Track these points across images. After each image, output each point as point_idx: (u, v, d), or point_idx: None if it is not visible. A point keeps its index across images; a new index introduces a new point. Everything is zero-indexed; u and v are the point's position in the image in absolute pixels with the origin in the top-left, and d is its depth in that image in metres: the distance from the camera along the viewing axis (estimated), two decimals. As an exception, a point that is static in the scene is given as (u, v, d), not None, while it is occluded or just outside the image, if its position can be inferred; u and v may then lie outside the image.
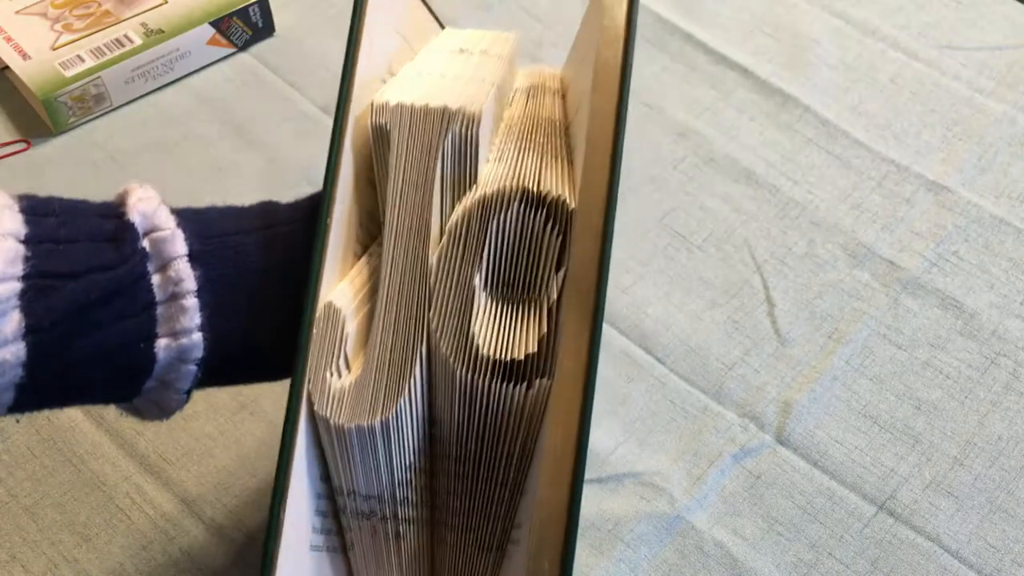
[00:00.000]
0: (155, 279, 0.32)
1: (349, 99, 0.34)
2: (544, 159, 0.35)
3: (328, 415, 0.32)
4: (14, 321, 0.29)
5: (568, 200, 0.33)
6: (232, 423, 0.51)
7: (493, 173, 0.34)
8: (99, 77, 0.64)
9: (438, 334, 0.32)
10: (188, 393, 0.35)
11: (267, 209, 0.36)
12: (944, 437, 0.52)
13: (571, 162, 0.35)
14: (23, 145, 0.64)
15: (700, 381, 0.54)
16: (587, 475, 0.50)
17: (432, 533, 0.36)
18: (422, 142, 0.33)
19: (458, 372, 0.32)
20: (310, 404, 0.32)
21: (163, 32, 0.66)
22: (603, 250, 0.32)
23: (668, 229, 0.61)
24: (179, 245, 0.32)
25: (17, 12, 0.67)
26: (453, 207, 0.34)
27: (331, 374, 0.32)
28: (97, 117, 0.65)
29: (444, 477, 0.35)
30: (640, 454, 0.51)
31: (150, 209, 0.32)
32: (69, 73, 0.63)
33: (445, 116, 0.33)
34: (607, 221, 0.32)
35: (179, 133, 0.65)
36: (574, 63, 0.41)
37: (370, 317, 0.34)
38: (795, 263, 0.59)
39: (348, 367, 0.33)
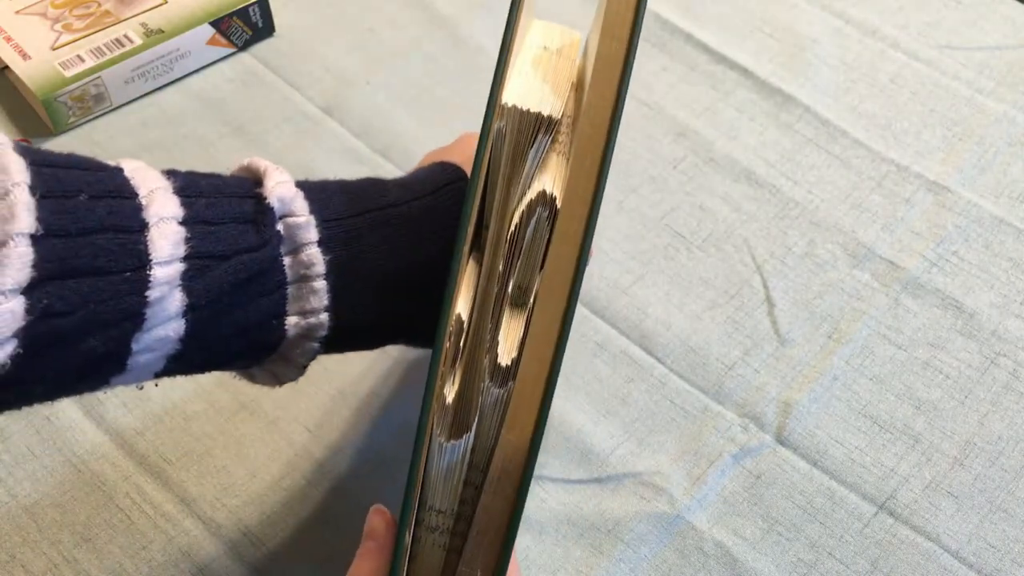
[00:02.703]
0: (286, 260, 0.34)
1: (498, 103, 0.34)
2: (560, 159, 0.36)
3: (439, 431, 0.33)
4: (177, 300, 0.31)
5: (558, 200, 0.33)
6: (232, 423, 0.51)
7: (538, 178, 0.35)
8: (99, 77, 0.64)
9: (488, 346, 0.33)
10: (304, 367, 0.37)
11: (377, 189, 0.38)
12: (944, 437, 0.52)
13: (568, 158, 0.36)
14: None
15: (700, 381, 0.54)
16: (587, 475, 0.50)
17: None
18: (520, 146, 0.34)
19: (485, 382, 0.33)
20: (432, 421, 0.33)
21: (163, 32, 0.66)
22: (579, 260, 0.32)
23: (668, 229, 0.61)
24: (312, 232, 0.35)
25: (17, 12, 0.67)
26: (515, 211, 0.34)
27: (447, 389, 0.33)
28: (97, 117, 0.65)
29: None
30: (640, 454, 0.51)
31: (288, 195, 0.35)
32: (69, 73, 0.63)
33: (539, 122, 0.34)
34: (587, 231, 0.32)
35: (179, 133, 0.65)
36: (586, 54, 0.41)
37: (468, 329, 0.34)
38: (795, 263, 0.59)
39: (454, 381, 0.33)
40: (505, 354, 0.33)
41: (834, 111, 0.67)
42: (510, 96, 0.34)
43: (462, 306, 0.33)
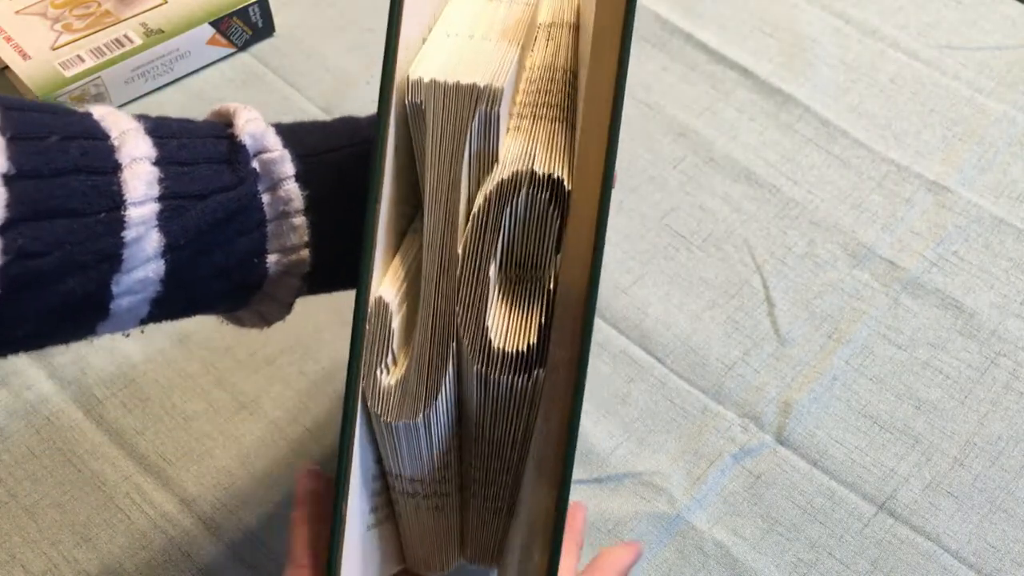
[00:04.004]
0: (265, 198, 0.34)
1: (393, 77, 0.32)
2: (554, 127, 0.34)
3: (379, 412, 0.33)
4: (154, 240, 0.31)
5: (565, 181, 0.32)
6: (232, 423, 0.51)
7: (511, 151, 0.33)
8: (99, 77, 0.64)
9: (462, 329, 0.32)
10: (290, 305, 0.37)
11: (350, 125, 0.38)
12: (944, 437, 0.52)
13: (574, 125, 0.34)
14: (23, 145, 0.64)
15: (700, 381, 0.54)
16: (587, 475, 0.50)
17: (461, 500, 0.38)
18: (454, 123, 0.32)
19: (475, 367, 0.32)
20: (364, 400, 0.33)
21: (163, 32, 0.66)
22: (596, 241, 0.31)
23: (668, 229, 0.61)
24: (288, 166, 0.34)
25: (17, 12, 0.67)
26: (477, 190, 0.33)
27: (381, 371, 0.33)
28: (97, 117, 0.65)
29: (467, 453, 0.36)
30: (640, 454, 0.51)
31: (259, 131, 0.34)
32: (69, 73, 0.63)
33: (474, 94, 0.32)
34: (601, 211, 0.31)
35: (179, 133, 0.65)
36: None
37: (411, 311, 0.34)
38: (795, 263, 0.59)
39: (395, 363, 0.33)
40: (518, 340, 0.32)
41: (834, 111, 0.67)
42: (428, 70, 0.32)
43: (387, 288, 0.33)
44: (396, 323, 0.33)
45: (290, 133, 0.36)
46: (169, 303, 0.33)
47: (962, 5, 0.75)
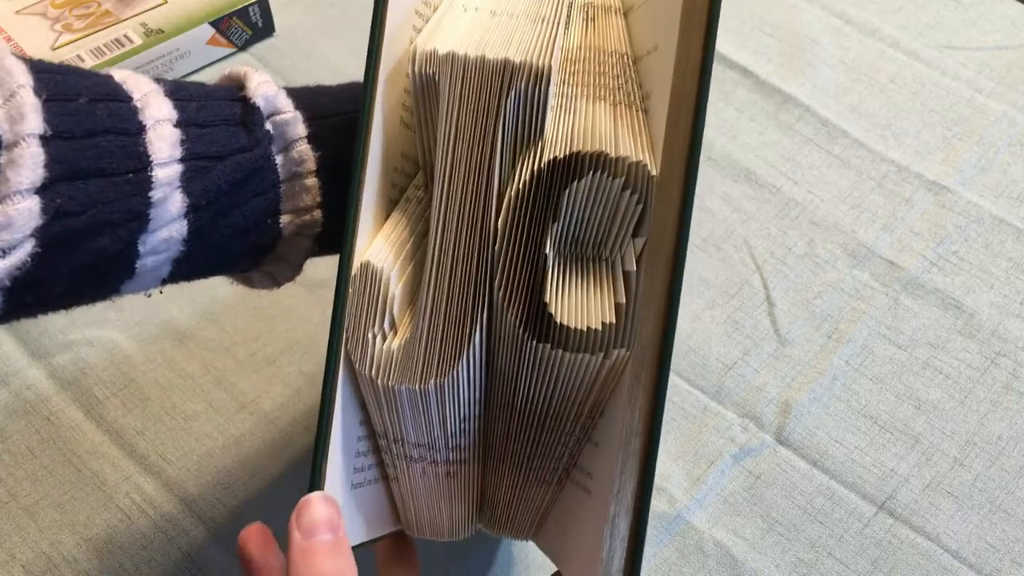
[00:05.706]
0: (278, 159, 0.35)
1: (380, 49, 0.32)
2: (618, 110, 0.32)
3: (374, 375, 0.32)
4: (178, 201, 0.32)
5: (649, 166, 0.30)
6: (232, 423, 0.51)
7: (562, 129, 0.31)
8: (99, 77, 0.64)
9: (505, 302, 0.31)
10: (300, 266, 0.38)
11: (357, 90, 0.38)
12: (944, 437, 0.52)
13: (646, 110, 0.32)
14: (23, 145, 0.64)
15: (700, 381, 0.54)
16: (587, 475, 0.50)
17: (483, 467, 0.36)
18: (480, 99, 0.30)
19: (529, 343, 0.31)
20: (349, 362, 0.32)
21: (163, 32, 0.66)
22: (683, 222, 0.30)
23: (668, 229, 0.61)
24: (300, 128, 0.35)
25: (17, 12, 0.67)
26: (513, 165, 0.31)
27: (373, 335, 0.32)
28: (97, 117, 0.65)
29: (504, 422, 0.34)
30: (640, 454, 0.51)
31: (271, 93, 0.35)
32: (69, 73, 0.63)
33: (507, 71, 0.30)
34: (687, 191, 0.30)
35: (179, 133, 0.65)
36: None
37: (415, 277, 0.33)
38: (795, 263, 0.59)
39: (395, 329, 0.32)
40: (589, 318, 0.31)
41: (834, 111, 0.67)
42: (445, 43, 0.31)
43: (379, 253, 0.32)
44: (397, 288, 0.32)
45: (299, 96, 0.36)
46: (190, 263, 0.34)
47: (962, 5, 0.75)
